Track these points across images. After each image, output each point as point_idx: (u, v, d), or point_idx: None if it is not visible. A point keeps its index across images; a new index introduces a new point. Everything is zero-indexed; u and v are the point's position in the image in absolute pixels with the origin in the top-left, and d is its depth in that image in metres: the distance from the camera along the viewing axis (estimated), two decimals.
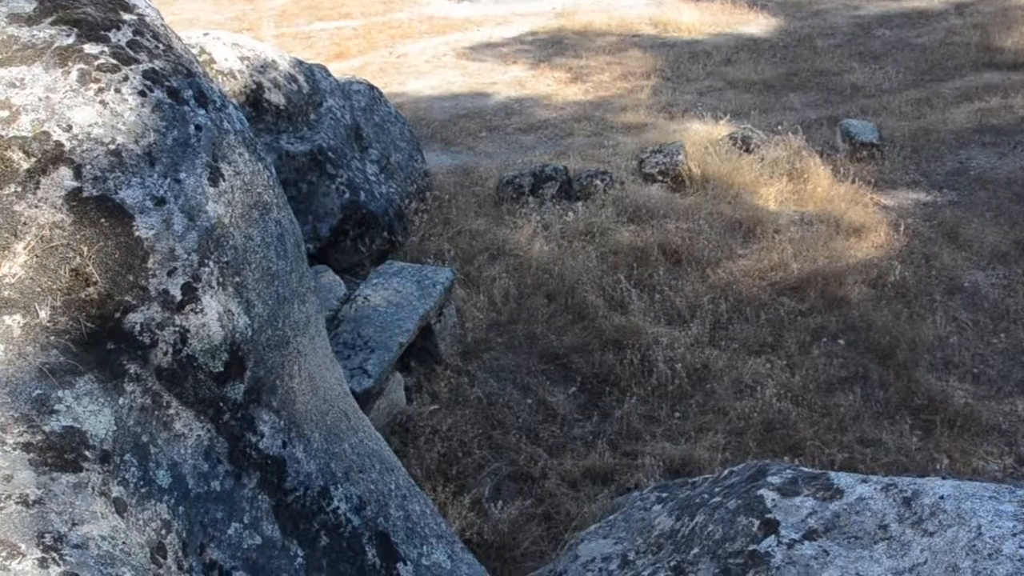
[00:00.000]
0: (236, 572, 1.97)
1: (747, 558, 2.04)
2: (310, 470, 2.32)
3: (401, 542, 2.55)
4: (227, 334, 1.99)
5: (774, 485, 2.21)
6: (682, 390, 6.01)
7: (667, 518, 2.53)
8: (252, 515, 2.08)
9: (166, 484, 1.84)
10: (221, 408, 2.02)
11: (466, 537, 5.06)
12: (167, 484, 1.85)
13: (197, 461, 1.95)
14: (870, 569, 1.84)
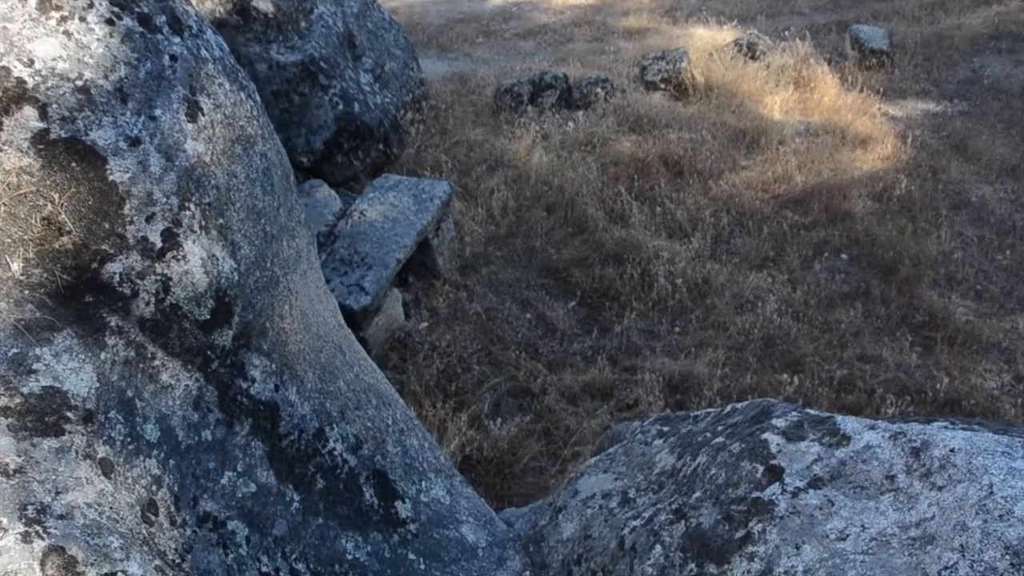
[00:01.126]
0: (231, 522, 1.94)
1: (750, 505, 2.01)
2: (304, 412, 2.27)
3: (399, 479, 2.52)
4: (212, 280, 1.90)
5: (779, 429, 2.17)
6: (682, 305, 5.97)
7: (668, 455, 2.50)
8: (246, 463, 2.04)
9: (154, 438, 1.79)
10: (209, 356, 1.94)
11: (466, 453, 5.10)
12: (155, 438, 1.79)
13: (186, 412, 1.89)
14: (875, 521, 1.81)
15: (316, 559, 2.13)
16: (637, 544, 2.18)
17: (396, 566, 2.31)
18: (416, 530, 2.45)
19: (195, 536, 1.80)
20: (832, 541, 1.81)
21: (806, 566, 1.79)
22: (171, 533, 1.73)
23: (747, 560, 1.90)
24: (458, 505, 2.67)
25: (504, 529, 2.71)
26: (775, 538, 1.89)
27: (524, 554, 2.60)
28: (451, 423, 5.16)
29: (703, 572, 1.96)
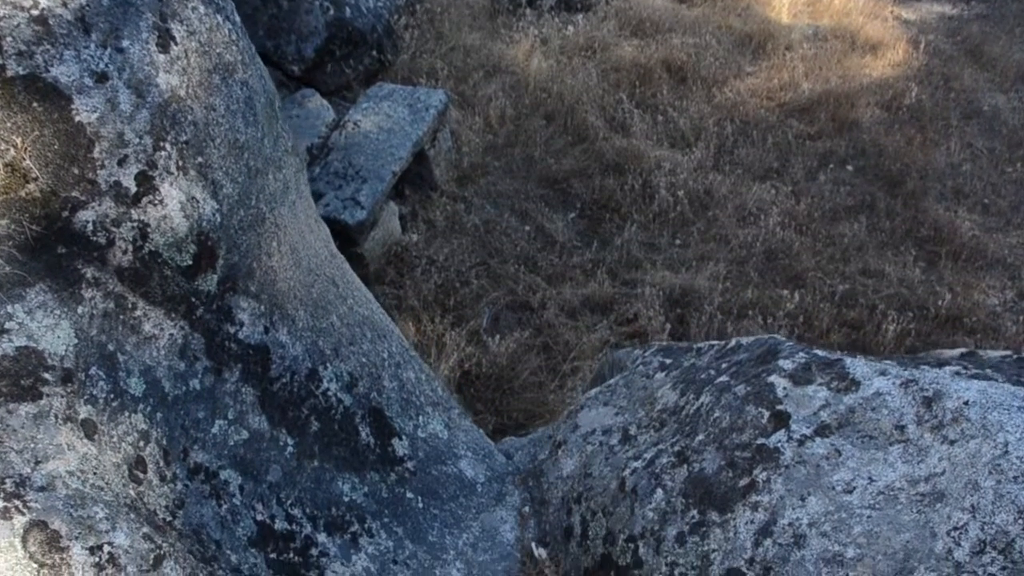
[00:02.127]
0: (223, 471, 1.89)
1: (755, 452, 1.97)
2: (296, 353, 2.20)
3: (395, 415, 2.48)
4: (193, 224, 1.79)
5: (785, 371, 2.10)
6: (684, 217, 5.85)
7: (671, 391, 2.45)
8: (236, 410, 1.98)
9: (139, 392, 1.72)
10: (194, 303, 1.86)
11: (465, 369, 5.08)
12: (140, 392, 1.72)
13: (172, 362, 1.82)
14: (883, 473, 1.76)
15: (312, 503, 2.10)
16: (638, 487, 2.15)
17: (394, 506, 2.29)
18: (414, 468, 2.42)
19: (186, 490, 1.76)
20: (838, 493, 1.77)
21: (811, 519, 1.76)
22: (161, 490, 1.68)
23: (751, 510, 1.87)
24: (456, 439, 2.63)
25: (503, 462, 2.69)
26: (780, 488, 1.86)
27: (523, 489, 2.59)
28: (449, 338, 5.12)
29: (705, 519, 1.94)
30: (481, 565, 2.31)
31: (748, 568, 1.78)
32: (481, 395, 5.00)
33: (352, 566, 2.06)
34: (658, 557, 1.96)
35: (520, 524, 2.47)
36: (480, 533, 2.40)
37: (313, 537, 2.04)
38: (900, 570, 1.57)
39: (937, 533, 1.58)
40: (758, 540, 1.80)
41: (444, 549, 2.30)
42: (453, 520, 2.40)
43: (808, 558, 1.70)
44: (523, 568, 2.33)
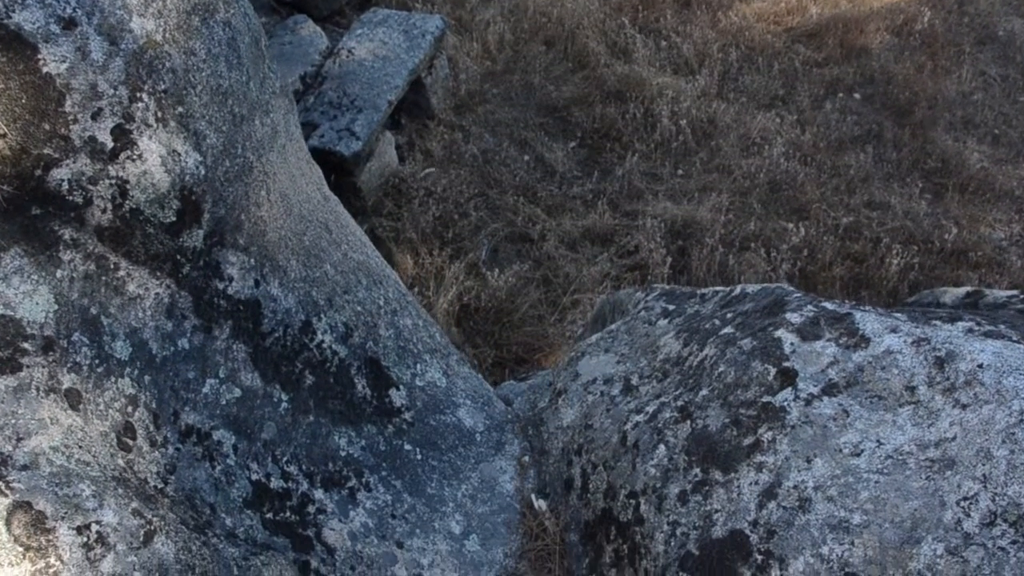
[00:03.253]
0: (216, 432, 1.85)
1: (760, 411, 1.92)
2: (288, 305, 2.13)
3: (392, 365, 2.43)
4: (175, 178, 1.70)
5: (793, 325, 2.04)
6: (686, 146, 5.73)
7: (674, 340, 2.39)
8: (228, 368, 1.92)
9: (125, 356, 1.66)
10: (179, 260, 1.78)
11: (464, 302, 5.03)
12: (127, 355, 1.66)
13: (159, 322, 1.75)
14: (892, 436, 1.72)
15: (308, 459, 2.06)
16: (640, 442, 2.12)
17: (392, 458, 2.26)
18: (412, 418, 2.38)
19: (178, 454, 1.72)
20: (845, 456, 1.73)
21: (817, 482, 1.72)
22: (152, 456, 1.64)
23: (755, 470, 1.83)
24: (455, 387, 2.59)
25: (502, 410, 2.66)
26: (785, 449, 1.82)
27: (523, 437, 2.56)
28: (448, 271, 5.06)
29: (708, 478, 1.91)
30: (480, 517, 2.29)
31: (751, 531, 1.75)
32: (480, 329, 4.97)
33: (350, 522, 2.04)
34: (660, 515, 1.94)
35: (520, 474, 2.44)
36: (479, 484, 2.38)
37: (310, 494, 2.01)
38: (907, 539, 1.54)
39: (946, 502, 1.55)
40: (762, 502, 1.77)
41: (443, 501, 2.28)
42: (452, 471, 2.37)
43: (813, 523, 1.67)
44: (523, 519, 2.31)
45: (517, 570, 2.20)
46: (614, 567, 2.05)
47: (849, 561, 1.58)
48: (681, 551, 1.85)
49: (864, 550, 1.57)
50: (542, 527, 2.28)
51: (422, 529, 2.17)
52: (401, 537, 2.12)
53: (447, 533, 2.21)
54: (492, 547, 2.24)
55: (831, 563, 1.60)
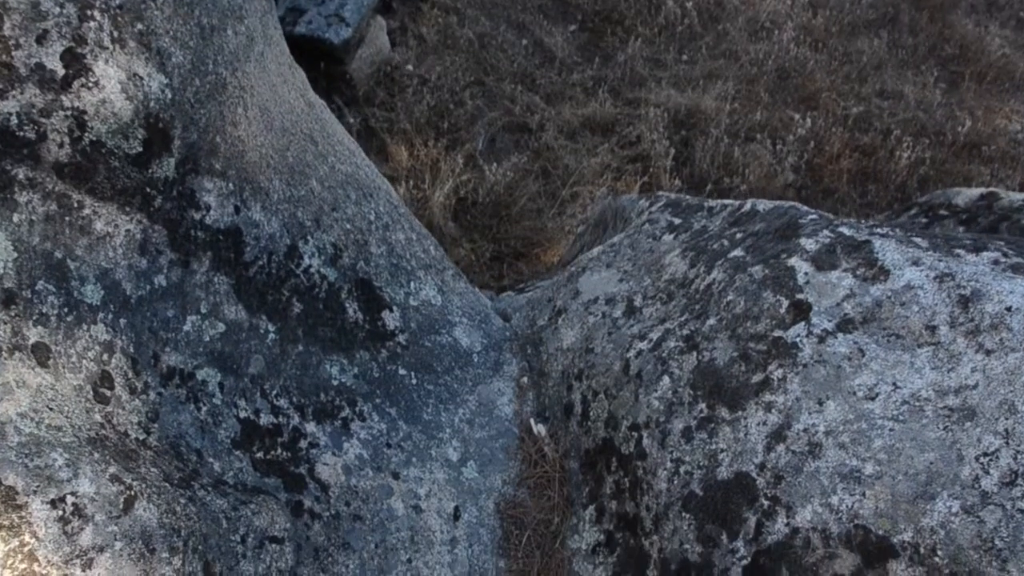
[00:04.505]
0: (200, 371, 1.76)
1: (771, 346, 1.84)
2: (272, 230, 2.00)
3: (385, 285, 2.32)
4: (138, 106, 1.54)
5: (808, 253, 1.93)
6: (692, 31, 5.44)
7: (680, 260, 2.28)
8: (210, 302, 1.81)
9: (97, 300, 1.55)
10: (150, 193, 1.64)
11: (460, 195, 4.89)
12: (98, 299, 1.55)
13: (132, 260, 1.63)
14: (909, 380, 1.64)
15: (299, 391, 1.99)
16: (643, 372, 2.04)
17: (386, 385, 2.19)
18: (406, 341, 2.30)
19: (160, 399, 1.63)
20: (859, 400, 1.66)
21: (828, 426, 1.65)
22: (132, 404, 1.55)
23: (763, 410, 1.76)
24: (450, 305, 2.50)
25: (500, 326, 2.57)
26: (796, 389, 1.74)
27: (521, 357, 2.48)
28: (444, 163, 4.89)
29: (714, 415, 1.84)
30: (478, 442, 2.24)
31: (758, 474, 1.70)
32: (478, 223, 4.85)
33: (344, 455, 1.99)
34: (663, 451, 1.88)
35: (518, 397, 2.38)
36: (477, 407, 2.32)
37: (301, 428, 1.94)
38: (921, 494, 1.48)
39: (964, 457, 1.48)
40: (770, 444, 1.71)
41: (440, 427, 2.22)
42: (448, 395, 2.31)
43: (823, 471, 1.61)
44: (521, 445, 2.27)
45: (516, 497, 2.17)
46: (615, 499, 2.01)
47: (859, 513, 1.53)
48: (684, 490, 1.80)
49: (875, 502, 1.52)
50: (541, 453, 2.23)
51: (418, 458, 2.13)
52: (397, 467, 2.07)
53: (444, 461, 2.17)
54: (490, 474, 2.20)
55: (840, 514, 1.55)
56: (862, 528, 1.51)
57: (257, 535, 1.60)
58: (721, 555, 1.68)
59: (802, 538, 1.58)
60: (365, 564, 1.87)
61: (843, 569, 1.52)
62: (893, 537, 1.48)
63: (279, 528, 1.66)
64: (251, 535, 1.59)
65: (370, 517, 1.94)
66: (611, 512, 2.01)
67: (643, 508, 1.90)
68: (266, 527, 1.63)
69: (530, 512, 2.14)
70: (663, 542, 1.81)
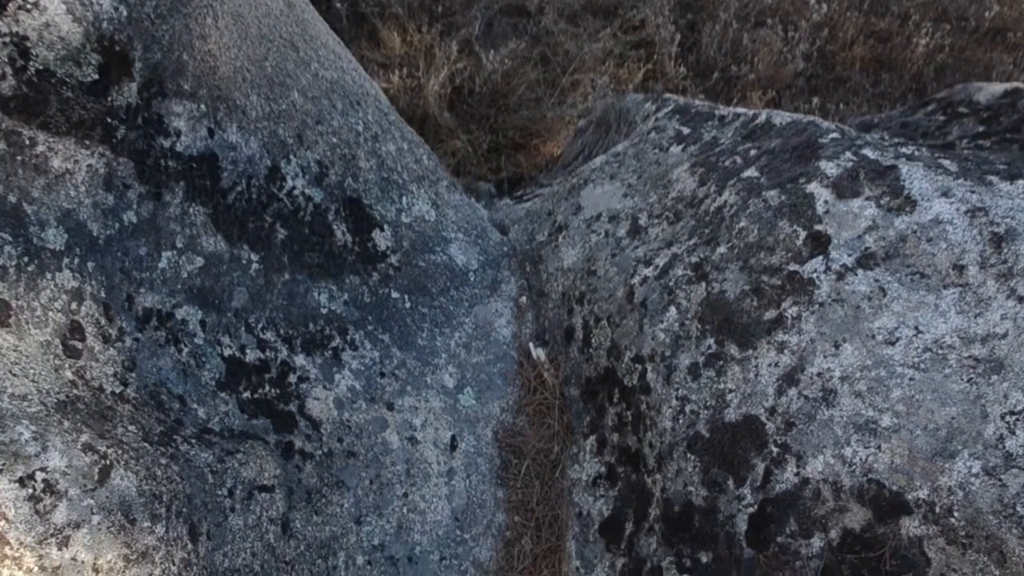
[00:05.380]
0: (179, 310, 1.66)
1: (786, 281, 1.73)
2: (251, 152, 1.85)
3: (375, 202, 2.19)
4: (88, 28, 1.37)
5: (828, 178, 1.79)
6: None
7: (688, 176, 2.14)
8: (186, 235, 1.69)
9: (60, 244, 1.42)
10: (111, 123, 1.49)
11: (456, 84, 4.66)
12: (62, 244, 1.43)
13: (97, 197, 1.50)
14: (933, 324, 1.54)
15: (286, 322, 1.89)
16: (649, 301, 1.94)
17: (378, 310, 2.09)
18: (398, 261, 2.19)
19: (137, 344, 1.53)
20: (878, 344, 1.57)
21: (844, 372, 1.57)
22: (106, 354, 1.46)
23: (776, 350, 1.67)
24: (445, 219, 2.37)
25: (498, 241, 2.45)
26: (811, 329, 1.64)
27: (520, 275, 2.38)
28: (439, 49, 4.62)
29: (723, 352, 1.75)
30: (475, 367, 2.17)
31: (768, 418, 1.62)
32: (474, 113, 4.64)
33: (335, 387, 1.91)
34: (668, 387, 1.81)
35: (517, 318, 2.29)
36: (474, 330, 2.24)
37: (290, 361, 1.86)
38: (940, 451, 1.41)
39: (989, 414, 1.40)
40: (782, 388, 1.63)
41: (435, 352, 2.14)
42: (444, 317, 2.22)
43: (837, 419, 1.53)
44: (520, 370, 2.20)
45: (515, 425, 2.12)
46: (616, 432, 1.96)
47: (874, 467, 1.46)
48: (690, 431, 1.74)
49: (891, 457, 1.45)
50: (541, 379, 2.16)
51: (413, 386, 2.05)
52: (391, 397, 2.00)
53: (440, 388, 2.10)
54: (488, 401, 2.14)
55: (853, 467, 1.48)
56: (876, 483, 1.45)
57: (245, 486, 1.54)
58: (727, 501, 1.63)
59: (812, 489, 1.52)
60: (360, 501, 1.83)
61: (853, 523, 1.47)
62: (907, 494, 1.42)
63: (268, 476, 1.60)
64: (239, 487, 1.53)
65: (364, 452, 1.89)
66: (613, 444, 1.96)
67: (646, 445, 1.85)
68: (254, 477, 1.57)
69: (529, 441, 2.09)
70: (666, 482, 1.76)
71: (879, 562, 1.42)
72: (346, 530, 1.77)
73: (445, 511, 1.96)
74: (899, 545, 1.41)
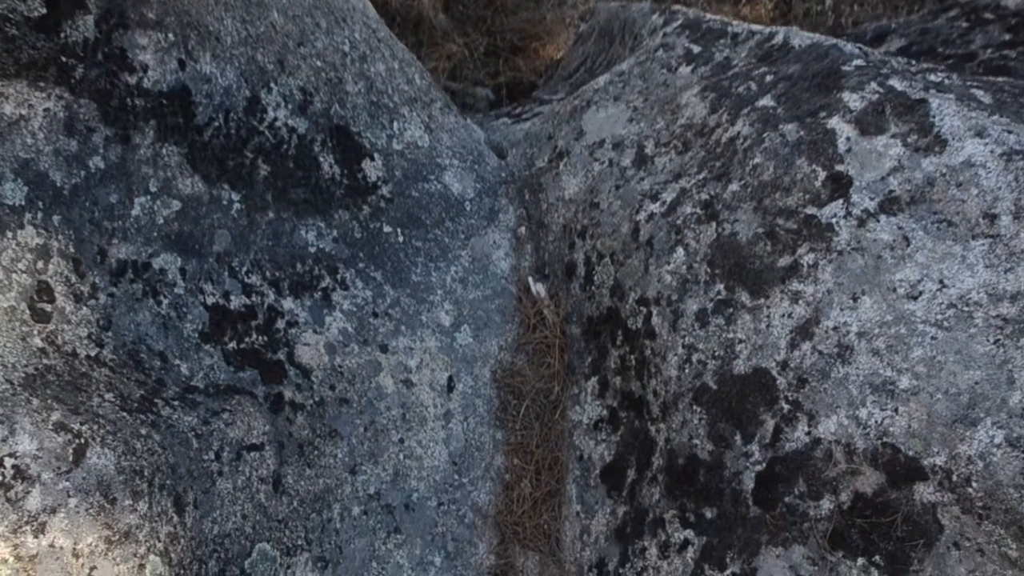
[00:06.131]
0: (157, 259, 1.56)
1: (802, 225, 1.62)
2: (227, 83, 1.71)
3: (364, 129, 2.05)
4: None
5: (851, 112, 1.66)
6: None
7: (698, 101, 2.00)
8: (160, 178, 1.57)
9: (20, 199, 1.31)
10: (67, 62, 1.35)
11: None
12: (22, 199, 1.32)
13: (58, 144, 1.38)
14: (959, 278, 1.44)
15: (272, 264, 1.79)
16: (655, 240, 1.83)
17: (370, 246, 1.99)
18: (390, 193, 2.07)
19: (112, 300, 1.44)
20: (900, 298, 1.47)
21: (862, 327, 1.48)
22: (79, 314, 1.37)
23: (789, 300, 1.58)
24: (439, 145, 2.23)
25: (495, 166, 2.32)
26: (828, 279, 1.55)
27: (519, 203, 2.26)
28: None
29: (733, 299, 1.66)
30: (472, 304, 2.08)
31: (779, 373, 1.55)
32: (471, 14, 4.41)
33: (326, 331, 1.83)
34: (674, 334, 1.73)
35: (515, 250, 2.19)
36: (470, 264, 2.14)
37: (277, 306, 1.77)
38: (961, 417, 1.34)
39: (1016, 380, 1.32)
40: (795, 341, 1.55)
41: (430, 289, 2.05)
42: (439, 251, 2.11)
43: (853, 378, 1.46)
44: (519, 306, 2.11)
45: (514, 365, 2.05)
46: (619, 375, 1.89)
47: (889, 430, 1.40)
48: (696, 381, 1.67)
49: (909, 421, 1.38)
50: (540, 316, 2.08)
51: (408, 325, 1.97)
52: (385, 338, 1.92)
53: (436, 327, 2.02)
54: (486, 339, 2.06)
55: (868, 429, 1.42)
56: (891, 447, 1.39)
57: (233, 447, 1.48)
58: (733, 457, 1.57)
59: (823, 450, 1.46)
60: (355, 450, 1.78)
61: (865, 487, 1.41)
62: (924, 459, 1.36)
63: (257, 434, 1.54)
64: (226, 449, 1.46)
65: (357, 399, 1.82)
66: (615, 388, 1.89)
67: (650, 392, 1.78)
68: (242, 436, 1.50)
69: (529, 381, 2.03)
70: (671, 433, 1.70)
71: (890, 527, 1.38)
72: (340, 481, 1.73)
73: (442, 456, 1.91)
74: (912, 511, 1.36)
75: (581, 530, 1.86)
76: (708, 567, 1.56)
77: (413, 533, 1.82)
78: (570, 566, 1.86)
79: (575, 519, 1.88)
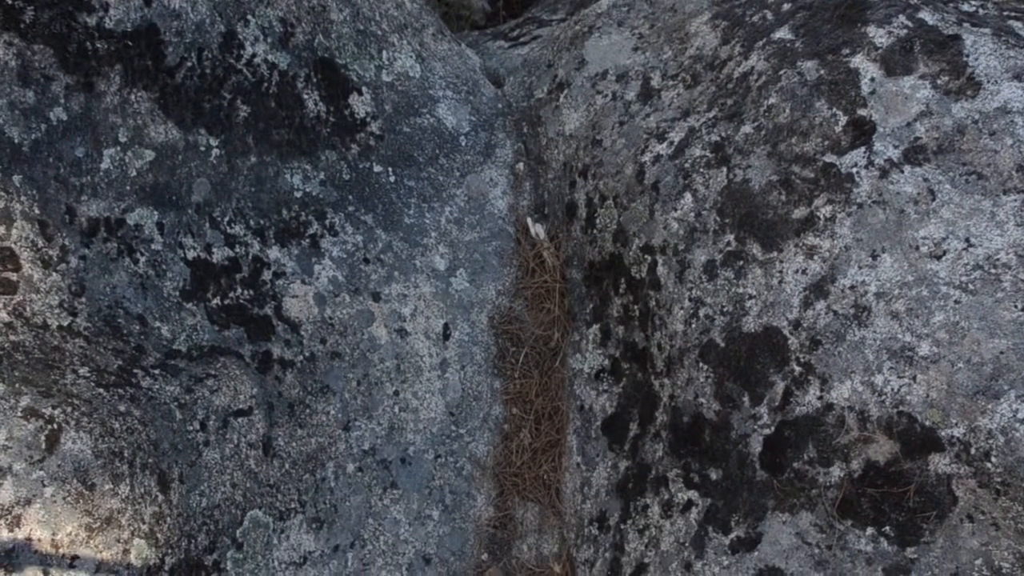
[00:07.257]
0: (131, 214, 1.46)
1: (820, 174, 1.52)
2: (199, 17, 1.57)
3: (350, 60, 1.91)
4: None
5: (877, 48, 1.53)
6: None
7: (709, 30, 1.86)
8: (130, 127, 1.46)
9: None
10: (13, 4, 1.23)
11: None
12: None
13: (12, 96, 1.26)
14: (987, 237, 1.35)
15: (256, 212, 1.70)
16: (661, 184, 1.73)
17: (359, 188, 1.89)
18: (380, 129, 1.95)
19: (84, 263, 1.35)
20: (922, 257, 1.39)
21: (881, 287, 1.40)
22: (48, 282, 1.28)
23: (804, 255, 1.49)
24: (432, 74, 2.10)
25: (492, 96, 2.19)
26: (847, 233, 1.46)
27: (517, 137, 2.14)
28: None
29: (744, 252, 1.57)
30: (468, 246, 1.99)
31: (791, 333, 1.48)
32: None
33: (315, 280, 1.75)
34: (680, 286, 1.65)
35: (513, 188, 2.09)
36: (466, 203, 2.04)
37: (263, 256, 1.68)
38: (983, 389, 1.27)
39: None
40: (808, 299, 1.47)
41: (424, 231, 1.96)
42: (433, 190, 2.01)
43: (869, 342, 1.39)
44: (517, 248, 2.02)
45: (512, 310, 1.97)
46: (622, 324, 1.82)
47: (906, 399, 1.33)
48: (703, 337, 1.59)
49: (927, 390, 1.32)
50: (540, 259, 1.99)
51: (401, 271, 1.89)
52: (377, 286, 1.84)
53: (430, 271, 1.93)
54: (483, 283, 1.98)
55: (884, 397, 1.35)
56: (907, 416, 1.33)
57: (219, 415, 1.42)
58: (741, 419, 1.52)
59: (835, 416, 1.40)
60: (347, 406, 1.72)
61: (878, 455, 1.36)
62: (941, 431, 1.30)
63: (244, 398, 1.48)
64: (212, 417, 1.40)
65: (349, 352, 1.75)
66: (618, 338, 1.83)
67: (654, 345, 1.71)
68: (228, 403, 1.44)
69: (528, 327, 1.96)
70: (675, 389, 1.64)
71: (902, 497, 1.33)
72: (334, 439, 1.67)
73: (439, 407, 1.86)
74: (925, 482, 1.31)
75: (582, 482, 1.82)
76: (712, 529, 1.53)
77: (410, 487, 1.78)
78: (570, 518, 1.83)
79: (576, 471, 1.84)
